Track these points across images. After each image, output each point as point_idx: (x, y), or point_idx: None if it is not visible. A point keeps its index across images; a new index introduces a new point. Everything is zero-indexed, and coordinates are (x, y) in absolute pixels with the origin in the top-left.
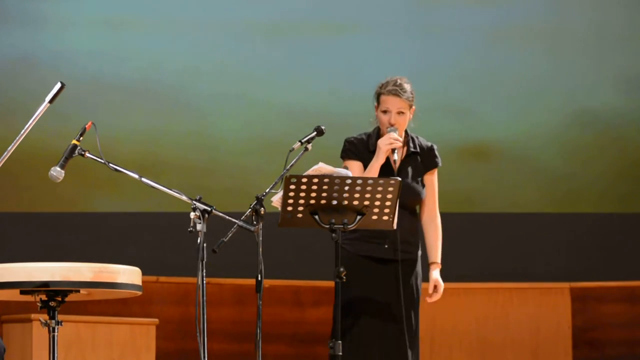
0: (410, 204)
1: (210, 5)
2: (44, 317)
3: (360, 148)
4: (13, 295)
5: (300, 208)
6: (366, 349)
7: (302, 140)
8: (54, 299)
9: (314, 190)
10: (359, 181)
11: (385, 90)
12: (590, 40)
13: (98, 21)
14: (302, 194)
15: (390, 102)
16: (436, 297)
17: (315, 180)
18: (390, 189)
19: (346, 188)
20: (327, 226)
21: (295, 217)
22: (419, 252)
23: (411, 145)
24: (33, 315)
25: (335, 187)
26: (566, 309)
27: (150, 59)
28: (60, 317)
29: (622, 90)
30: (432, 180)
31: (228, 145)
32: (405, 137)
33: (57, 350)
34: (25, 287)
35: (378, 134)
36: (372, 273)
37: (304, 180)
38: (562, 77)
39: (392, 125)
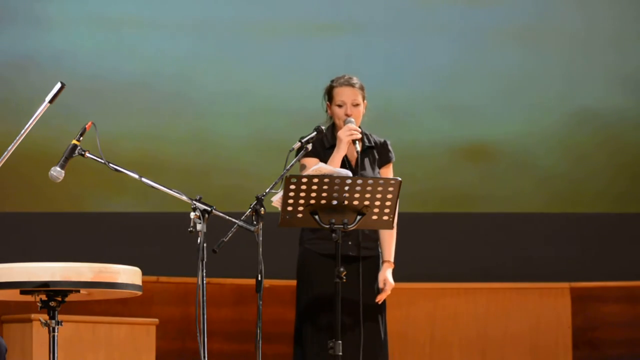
0: None
1: (211, 5)
2: (44, 317)
3: (315, 144)
4: (13, 295)
5: (300, 208)
6: (325, 348)
7: (302, 140)
8: (54, 299)
9: (314, 190)
10: (359, 181)
11: (337, 83)
12: (589, 40)
13: (98, 21)
14: (302, 194)
15: (345, 94)
16: (383, 295)
17: (315, 180)
18: (390, 189)
19: (346, 188)
20: (327, 226)
21: (295, 217)
22: (380, 250)
23: (366, 140)
24: (33, 315)
25: (335, 187)
26: (566, 309)
27: (150, 59)
28: (60, 317)
29: (622, 89)
30: (387, 175)
31: (228, 145)
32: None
33: (57, 350)
34: (25, 287)
35: (333, 129)
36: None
37: (304, 180)
38: (562, 77)
39: (348, 117)
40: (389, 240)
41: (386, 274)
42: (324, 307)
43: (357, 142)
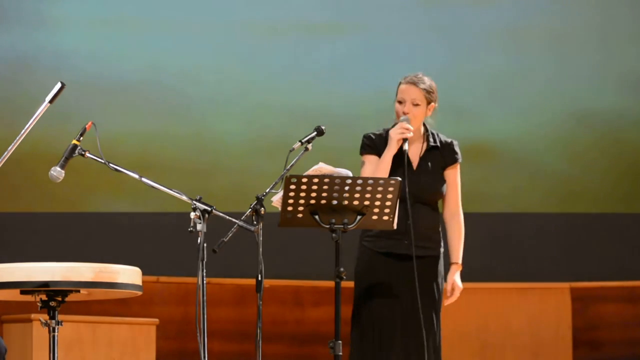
0: (431, 199)
1: (210, 5)
2: (44, 317)
3: (377, 142)
4: (13, 295)
5: (301, 208)
6: (384, 348)
7: (302, 140)
8: (54, 299)
9: (314, 190)
10: (359, 181)
11: (404, 80)
12: (591, 41)
13: (98, 21)
14: (302, 194)
15: (406, 92)
16: (452, 299)
17: (316, 180)
18: (391, 189)
19: (346, 188)
20: (327, 226)
21: (296, 217)
22: (442, 249)
23: (431, 140)
24: (33, 315)
25: (336, 187)
26: (566, 309)
27: (150, 59)
28: (60, 317)
29: (623, 90)
30: (453, 176)
31: (228, 145)
32: (424, 132)
33: (57, 350)
34: (25, 287)
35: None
36: (392, 270)
37: (304, 180)
38: (563, 78)
39: (405, 115)
40: (457, 241)
41: (454, 277)
42: (381, 305)
43: (407, 141)
